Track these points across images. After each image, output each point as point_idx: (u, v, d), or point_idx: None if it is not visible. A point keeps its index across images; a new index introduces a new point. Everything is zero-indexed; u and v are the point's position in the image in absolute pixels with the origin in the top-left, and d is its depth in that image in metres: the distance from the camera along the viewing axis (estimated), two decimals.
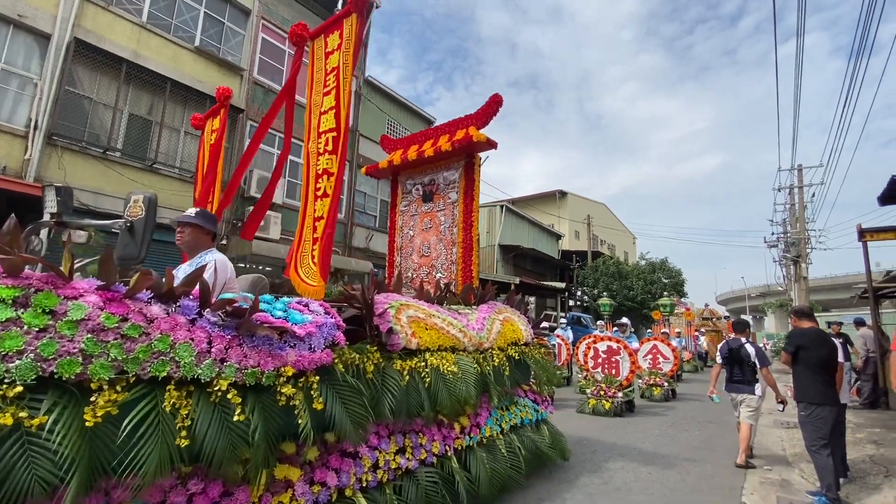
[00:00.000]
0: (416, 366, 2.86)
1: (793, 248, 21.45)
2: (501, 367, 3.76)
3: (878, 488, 4.37)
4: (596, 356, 8.58)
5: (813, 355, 4.14)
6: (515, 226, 23.94)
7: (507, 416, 3.93)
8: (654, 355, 10.61)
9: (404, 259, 5.38)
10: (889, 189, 7.75)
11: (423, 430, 3.02)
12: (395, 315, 2.80)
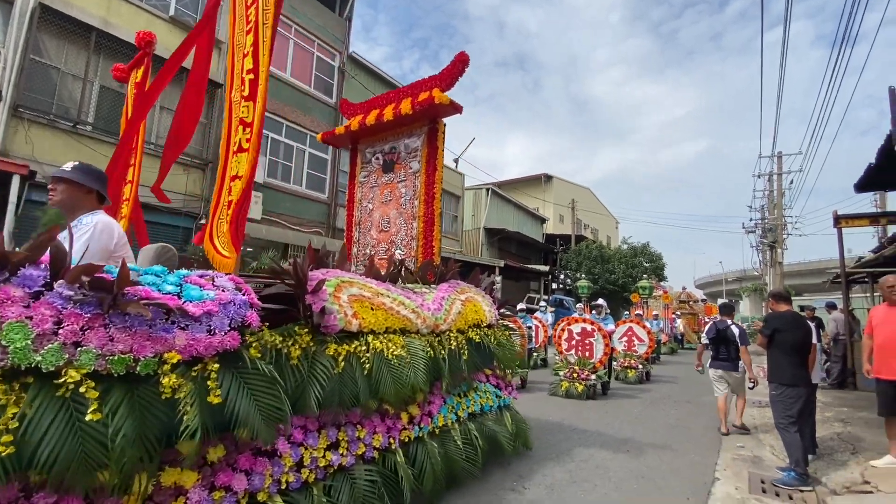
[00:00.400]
0: (355, 350, 2.52)
1: (770, 233, 21.47)
2: (460, 350, 3.43)
3: (845, 465, 4.42)
4: (570, 338, 8.26)
5: (788, 338, 4.17)
6: (501, 209, 23.60)
7: (464, 403, 3.61)
8: (630, 337, 10.35)
9: (363, 234, 4.99)
10: (866, 176, 7.58)
11: (362, 421, 2.69)
12: (332, 293, 2.45)
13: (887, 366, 4.12)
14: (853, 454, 4.69)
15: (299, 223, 13.32)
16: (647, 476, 4.12)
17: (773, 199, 21.39)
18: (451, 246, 19.87)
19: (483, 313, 4.00)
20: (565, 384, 7.69)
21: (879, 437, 5.15)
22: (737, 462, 4.64)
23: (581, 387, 7.52)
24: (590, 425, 5.76)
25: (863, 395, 7.87)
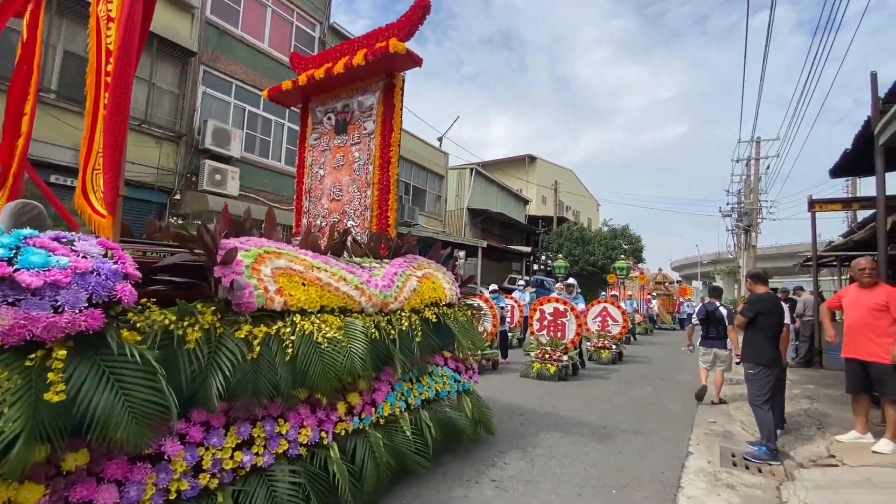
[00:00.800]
0: (278, 332, 2.15)
1: (745, 217, 21.71)
2: (412, 331, 3.09)
3: (812, 439, 4.49)
4: (542, 318, 7.92)
5: (769, 321, 4.17)
6: (484, 189, 23.31)
7: (416, 389, 3.28)
8: (604, 318, 10.10)
9: (313, 204, 4.48)
10: (841, 162, 7.55)
11: (286, 414, 2.33)
12: (251, 265, 2.08)
13: (855, 346, 4.10)
14: (819, 429, 4.72)
15: (278, 200, 12.84)
16: (623, 451, 4.08)
17: (750, 184, 21.57)
18: (434, 226, 19.59)
19: (442, 291, 3.63)
20: (537, 365, 7.37)
21: (844, 414, 5.20)
22: (709, 437, 4.65)
23: (553, 368, 7.22)
24: (560, 409, 5.50)
25: (828, 374, 8.01)
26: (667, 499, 3.15)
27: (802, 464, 3.85)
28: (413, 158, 18.65)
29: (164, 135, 10.57)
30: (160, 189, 10.46)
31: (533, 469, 3.54)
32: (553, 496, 3.08)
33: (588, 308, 10.17)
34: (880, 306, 3.98)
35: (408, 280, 3.26)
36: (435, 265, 3.88)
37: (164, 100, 10.81)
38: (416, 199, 18.95)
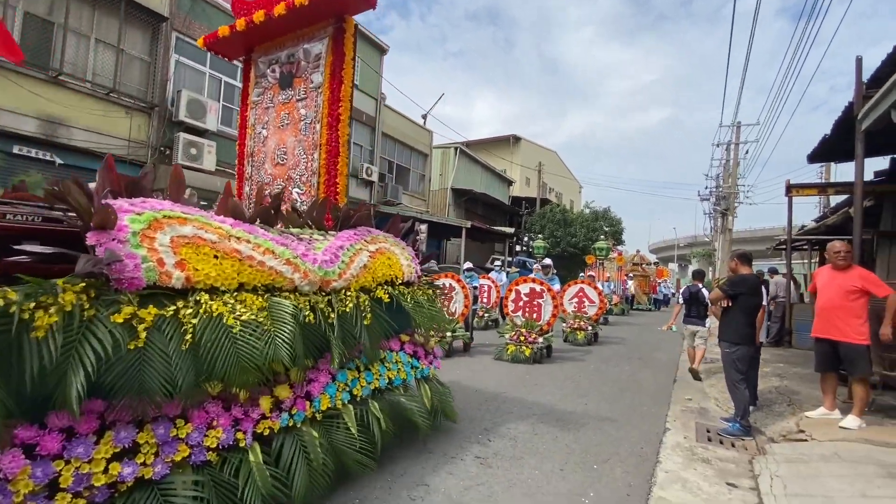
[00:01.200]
0: (176, 314, 1.78)
1: (723, 201, 22.15)
2: (360, 313, 2.72)
3: (782, 415, 4.62)
4: (517, 299, 7.54)
5: (750, 302, 4.22)
6: (469, 169, 23.10)
7: (364, 378, 2.88)
8: (581, 298, 9.80)
9: (256, 169, 4.00)
10: (819, 147, 7.66)
11: (188, 414, 1.93)
12: (140, 231, 1.70)
13: (827, 326, 4.22)
14: (789, 406, 4.88)
15: None
16: (603, 428, 4.16)
17: (729, 168, 21.95)
18: (418, 206, 19.40)
19: (399, 268, 3.23)
20: (511, 348, 7.02)
21: (812, 391, 5.39)
22: (685, 413, 4.77)
23: (528, 350, 6.89)
24: (532, 394, 5.24)
25: (798, 353, 8.31)
26: (646, 473, 3.22)
27: (773, 438, 3.98)
28: (396, 136, 18.29)
29: (134, 105, 10.05)
30: (132, 163, 10.00)
31: (516, 446, 3.57)
32: (536, 472, 3.10)
33: (565, 289, 9.98)
34: (854, 288, 4.09)
35: (357, 255, 2.87)
36: (392, 239, 3.47)
37: (133, 67, 10.23)
38: (399, 178, 18.68)
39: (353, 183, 15.91)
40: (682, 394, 5.62)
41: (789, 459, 3.44)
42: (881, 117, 3.60)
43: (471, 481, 2.90)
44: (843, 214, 9.36)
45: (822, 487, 2.91)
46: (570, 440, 3.80)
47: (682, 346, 9.74)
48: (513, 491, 2.81)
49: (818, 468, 3.23)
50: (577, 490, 2.88)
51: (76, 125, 9.20)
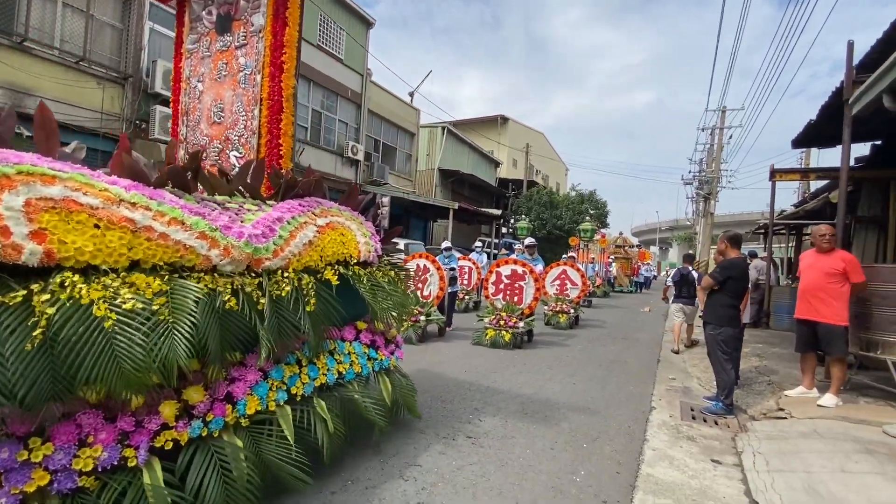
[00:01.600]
0: (26, 301, 1.44)
1: (706, 185, 22.46)
2: (301, 298, 2.31)
3: (762, 394, 4.76)
4: (498, 281, 7.17)
5: (738, 286, 4.28)
6: (456, 150, 22.86)
7: (307, 373, 2.51)
8: (563, 281, 9.53)
9: (191, 130, 3.50)
10: (804, 132, 7.74)
11: (51, 429, 1.56)
12: None
13: (809, 308, 4.33)
14: (769, 385, 5.03)
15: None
16: (591, 407, 4.23)
17: (713, 153, 22.19)
18: (404, 185, 19.18)
19: (355, 246, 2.84)
20: (491, 332, 6.66)
21: (790, 370, 5.57)
22: (670, 392, 4.88)
23: (508, 336, 6.55)
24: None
25: (775, 333, 8.56)
26: (634, 451, 3.28)
27: (754, 416, 4.10)
28: (383, 113, 17.91)
29: (106, 75, 9.56)
30: (105, 136, 9.57)
31: (507, 425, 3.60)
32: (528, 451, 3.13)
33: (547, 270, 9.66)
34: (836, 271, 4.18)
35: (300, 230, 2.45)
36: (348, 213, 3.02)
37: (104, 34, 9.70)
38: (385, 158, 18.38)
39: (339, 161, 15.60)
40: (665, 374, 5.74)
41: (770, 436, 3.54)
42: (872, 102, 3.61)
43: (463, 461, 2.91)
44: (823, 199, 9.57)
45: (803, 463, 3.00)
46: (559, 418, 3.85)
47: (663, 328, 9.96)
48: (505, 470, 2.83)
49: (798, 445, 3.33)
50: (567, 468, 2.91)
51: (45, 95, 8.71)
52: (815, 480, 2.75)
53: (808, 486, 2.69)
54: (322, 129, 15.02)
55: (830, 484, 2.69)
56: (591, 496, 2.58)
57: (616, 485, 2.73)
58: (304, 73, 13.97)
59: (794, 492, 2.64)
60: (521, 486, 2.64)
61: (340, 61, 15.33)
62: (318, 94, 14.82)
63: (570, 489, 2.64)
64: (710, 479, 2.87)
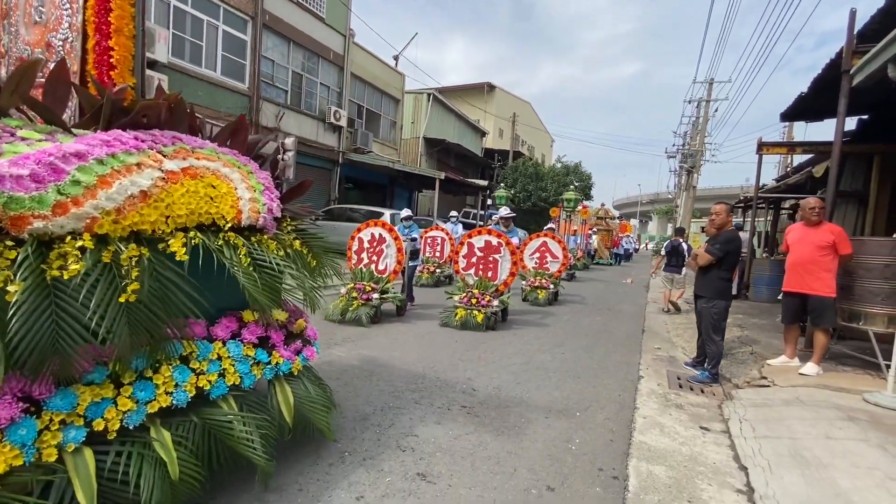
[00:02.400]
0: None
1: (690, 158, 22.62)
2: (117, 279, 1.56)
3: (745, 363, 4.89)
4: (470, 254, 6.40)
5: (733, 260, 4.28)
6: (442, 118, 22.34)
7: (130, 396, 1.69)
8: (543, 253, 8.79)
9: (13, 39, 2.64)
10: (794, 105, 7.72)
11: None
12: None
13: (798, 280, 4.40)
14: (752, 354, 5.17)
15: (216, 116, 11.52)
16: (582, 376, 4.28)
17: (699, 126, 22.25)
18: (389, 154, 18.75)
19: (232, 204, 2.03)
20: (461, 312, 5.85)
21: (771, 340, 5.75)
22: (656, 362, 4.97)
23: (480, 316, 5.76)
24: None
25: (755, 305, 8.81)
26: (626, 418, 3.33)
27: (739, 385, 4.21)
28: (367, 77, 17.26)
29: None
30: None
31: (501, 395, 3.62)
32: (522, 420, 3.15)
33: (526, 242, 8.98)
34: (825, 244, 4.24)
35: (121, 175, 1.66)
36: (231, 157, 2.24)
37: None
38: (369, 124, 17.84)
39: (321, 127, 15.07)
40: (651, 343, 5.85)
41: (755, 404, 3.64)
42: (876, 72, 3.57)
43: (459, 431, 2.91)
44: (806, 174, 9.69)
45: (788, 430, 3.09)
46: (551, 388, 3.88)
47: (646, 299, 10.15)
48: (502, 439, 2.84)
49: (782, 412, 3.44)
50: (562, 436, 2.94)
51: None
52: (800, 447, 2.83)
53: (795, 453, 2.77)
54: (303, 92, 14.39)
55: (816, 450, 2.77)
56: (588, 463, 2.61)
57: (611, 452, 2.77)
58: (283, 31, 13.25)
59: (781, 457, 2.72)
60: (519, 454, 2.65)
61: (322, 20, 14.56)
62: (299, 54, 14.12)
63: (567, 457, 2.66)
64: (701, 446, 2.94)
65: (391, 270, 6.30)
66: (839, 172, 7.89)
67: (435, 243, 9.96)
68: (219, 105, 11.67)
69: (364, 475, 2.29)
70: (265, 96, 12.96)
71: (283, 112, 13.49)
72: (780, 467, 2.59)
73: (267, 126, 12.98)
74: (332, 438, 2.52)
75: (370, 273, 6.21)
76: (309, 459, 2.40)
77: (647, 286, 12.95)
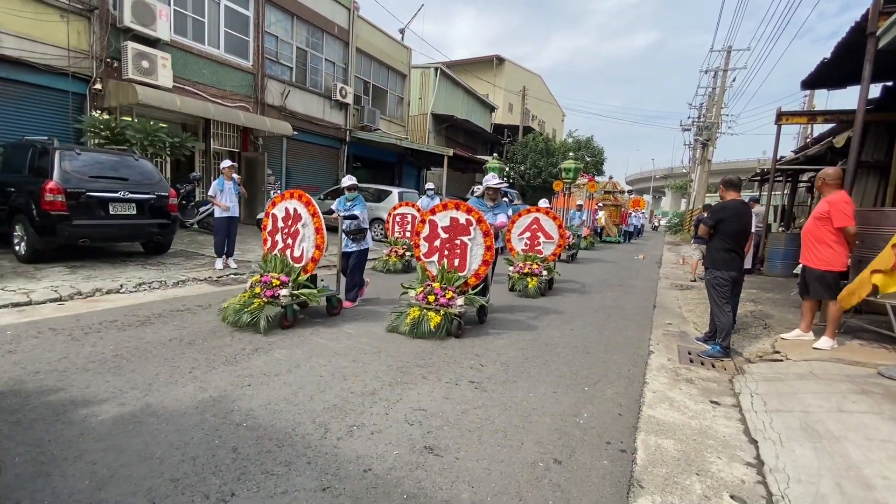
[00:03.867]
0: None
1: (705, 131, 21.99)
2: None
3: (758, 338, 4.83)
4: (433, 235, 4.87)
5: (729, 227, 4.14)
6: (450, 93, 21.91)
7: None
8: (534, 233, 7.31)
9: None
10: (816, 72, 7.39)
11: None
12: None
13: (803, 252, 4.36)
14: (764, 328, 5.11)
15: (220, 95, 11.42)
16: (591, 352, 4.27)
17: (715, 97, 21.54)
18: (396, 131, 18.52)
19: None
20: (415, 312, 4.38)
21: (785, 314, 5.67)
22: (667, 337, 4.94)
23: (436, 318, 4.27)
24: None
25: (768, 279, 8.68)
26: (635, 393, 3.32)
27: (750, 359, 4.16)
28: (372, 52, 16.92)
29: (70, 6, 8.74)
30: (76, 76, 8.92)
31: (508, 371, 3.62)
32: (530, 395, 3.15)
33: (514, 219, 7.33)
34: (820, 214, 4.15)
35: None
36: None
37: None
38: (376, 101, 17.58)
39: (327, 105, 14.89)
40: (662, 319, 5.81)
41: (767, 378, 3.61)
42: None
43: (467, 405, 2.92)
44: (826, 144, 9.36)
45: (801, 403, 3.06)
46: (560, 363, 3.88)
47: (658, 274, 10.02)
48: (509, 413, 2.85)
49: (794, 386, 3.40)
50: (571, 411, 2.94)
51: (4, 30, 8.01)
52: (812, 420, 2.81)
53: (806, 426, 2.74)
54: (308, 69, 14.18)
55: (828, 423, 2.74)
56: (595, 437, 2.61)
57: (619, 426, 2.77)
58: (286, 5, 12.97)
59: (793, 430, 2.70)
60: (526, 428, 2.66)
61: None
62: (303, 30, 13.85)
63: (574, 431, 2.67)
64: (710, 420, 2.92)
65: (309, 258, 4.65)
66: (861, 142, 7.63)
67: (405, 221, 8.54)
68: (224, 84, 11.56)
69: (372, 448, 2.32)
70: (270, 74, 12.80)
71: (289, 90, 13.33)
72: (791, 440, 2.57)
73: (273, 105, 12.86)
74: None
75: (282, 261, 4.69)
76: (317, 433, 2.43)
77: (660, 262, 12.80)
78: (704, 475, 2.27)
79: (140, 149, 8.37)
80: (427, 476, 2.12)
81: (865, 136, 7.54)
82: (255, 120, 11.60)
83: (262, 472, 2.05)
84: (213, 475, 2.00)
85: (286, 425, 2.49)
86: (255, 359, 3.49)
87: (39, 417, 2.40)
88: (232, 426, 2.44)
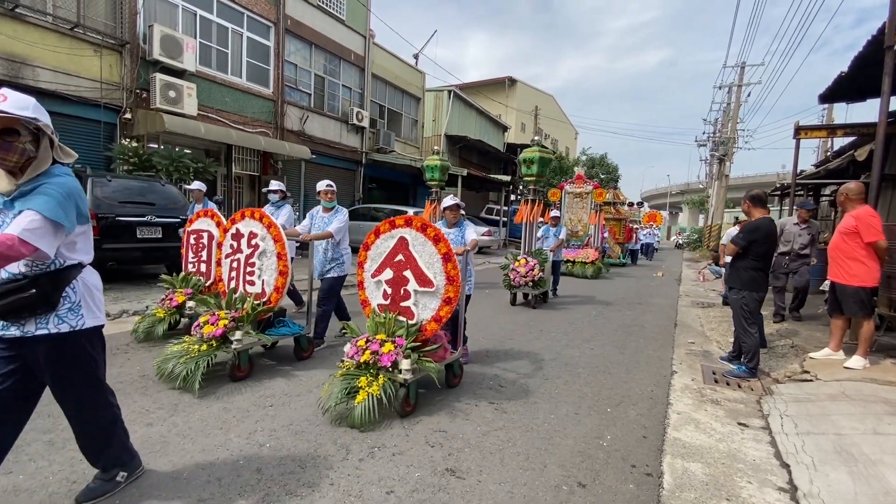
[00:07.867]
0: None
1: (721, 146, 21.81)
2: None
3: (786, 357, 4.71)
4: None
5: (761, 249, 4.05)
6: (463, 115, 22.27)
7: None
8: (398, 272, 3.33)
9: None
10: (834, 85, 7.33)
11: None
12: None
13: (831, 267, 4.25)
14: (792, 347, 4.96)
15: (242, 122, 11.84)
16: (612, 372, 4.20)
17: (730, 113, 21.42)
18: (411, 153, 18.84)
19: None
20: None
21: (812, 332, 5.51)
22: (690, 356, 4.83)
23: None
24: None
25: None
26: (659, 414, 3.26)
27: (778, 379, 4.04)
28: (387, 77, 17.37)
29: (103, 42, 9.25)
30: (107, 107, 9.37)
31: (529, 392, 3.58)
32: (552, 416, 3.11)
33: (364, 244, 3.58)
34: (847, 229, 4.06)
35: None
36: None
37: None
38: (391, 124, 17.96)
39: (344, 129, 15.27)
40: (684, 338, 5.69)
41: (797, 399, 3.50)
42: None
43: (488, 427, 2.90)
44: (848, 158, 9.19)
45: (833, 426, 2.95)
46: (581, 383, 3.83)
47: (678, 292, 9.84)
48: (531, 435, 2.82)
49: (826, 407, 3.28)
50: (594, 433, 2.89)
51: (41, 65, 8.49)
52: (846, 443, 2.71)
53: (840, 448, 2.64)
54: (325, 94, 14.61)
55: (863, 446, 2.64)
56: (620, 460, 2.56)
57: (644, 449, 2.71)
58: (305, 35, 13.47)
59: (826, 454, 2.60)
60: (549, 450, 2.63)
61: (342, 22, 14.73)
62: (321, 57, 14.33)
63: (598, 454, 2.62)
64: (739, 443, 2.84)
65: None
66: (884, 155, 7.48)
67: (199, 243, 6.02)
68: (245, 111, 11.98)
69: (394, 470, 2.32)
70: (289, 100, 13.22)
71: (307, 115, 13.72)
72: (825, 464, 2.48)
73: (292, 129, 13.24)
74: None
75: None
76: (339, 455, 2.44)
77: (679, 279, 12.58)
78: (735, 500, 2.21)
79: (165, 174, 8.69)
80: (450, 499, 2.11)
81: (889, 149, 7.40)
82: (275, 144, 11.94)
83: (286, 493, 2.07)
84: (238, 496, 2.03)
85: (308, 446, 2.51)
86: (276, 379, 3.53)
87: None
88: (255, 446, 2.47)
